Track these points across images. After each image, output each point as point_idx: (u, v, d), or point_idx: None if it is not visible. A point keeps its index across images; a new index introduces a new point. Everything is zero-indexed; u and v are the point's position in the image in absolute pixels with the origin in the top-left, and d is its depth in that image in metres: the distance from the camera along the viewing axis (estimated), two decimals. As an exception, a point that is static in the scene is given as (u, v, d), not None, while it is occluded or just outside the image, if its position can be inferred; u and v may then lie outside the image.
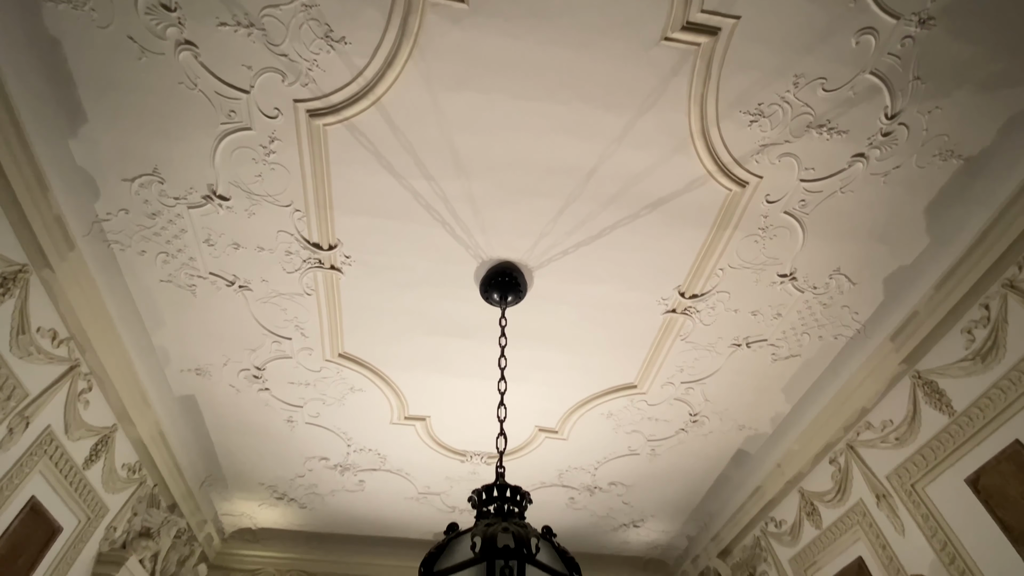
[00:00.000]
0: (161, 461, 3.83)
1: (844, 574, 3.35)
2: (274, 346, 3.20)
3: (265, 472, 4.32)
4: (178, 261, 2.77)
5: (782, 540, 3.95)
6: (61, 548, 3.08)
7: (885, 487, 3.10)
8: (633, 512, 4.82)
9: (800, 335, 3.14)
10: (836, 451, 3.49)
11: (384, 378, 3.48)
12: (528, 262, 2.76)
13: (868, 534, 3.18)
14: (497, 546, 1.43)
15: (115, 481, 3.42)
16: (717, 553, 4.74)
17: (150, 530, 3.83)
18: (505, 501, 1.68)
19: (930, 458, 2.83)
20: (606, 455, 4.16)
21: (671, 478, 4.38)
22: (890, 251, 2.73)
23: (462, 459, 4.23)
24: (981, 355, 2.62)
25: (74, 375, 2.92)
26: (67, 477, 3.01)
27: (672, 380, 3.47)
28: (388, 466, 4.27)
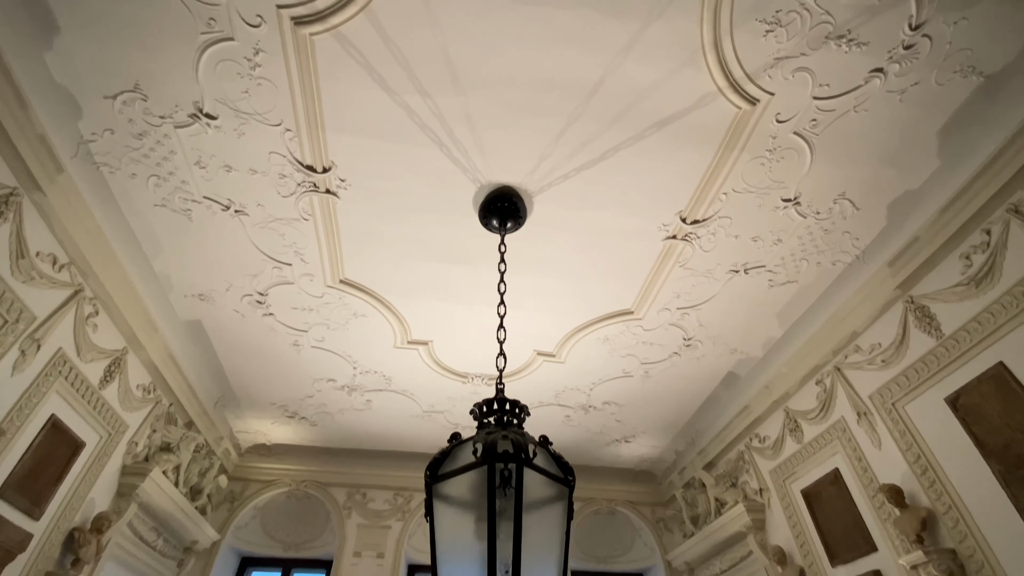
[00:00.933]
0: (174, 382, 3.99)
1: (820, 483, 3.59)
2: (275, 272, 3.22)
3: (275, 393, 4.50)
4: (170, 184, 2.71)
5: (764, 454, 4.20)
6: (86, 461, 3.27)
7: (867, 406, 3.25)
8: (625, 429, 5.09)
9: (799, 261, 3.15)
10: (823, 373, 3.63)
11: (386, 304, 3.53)
12: (528, 187, 2.71)
13: (846, 448, 3.39)
14: (497, 451, 1.52)
15: (131, 401, 3.57)
16: (703, 465, 5.06)
17: (170, 445, 4.06)
18: (504, 413, 1.77)
19: (913, 379, 2.95)
20: (601, 377, 4.32)
21: (662, 398, 4.58)
22: (898, 175, 2.67)
23: (464, 381, 4.39)
24: (976, 280, 2.65)
25: (79, 299, 2.96)
26: (84, 396, 3.14)
27: (668, 306, 3.52)
28: (393, 387, 4.45)
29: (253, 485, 5.36)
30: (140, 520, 3.88)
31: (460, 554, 1.51)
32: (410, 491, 5.59)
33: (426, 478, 1.65)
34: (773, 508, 4.07)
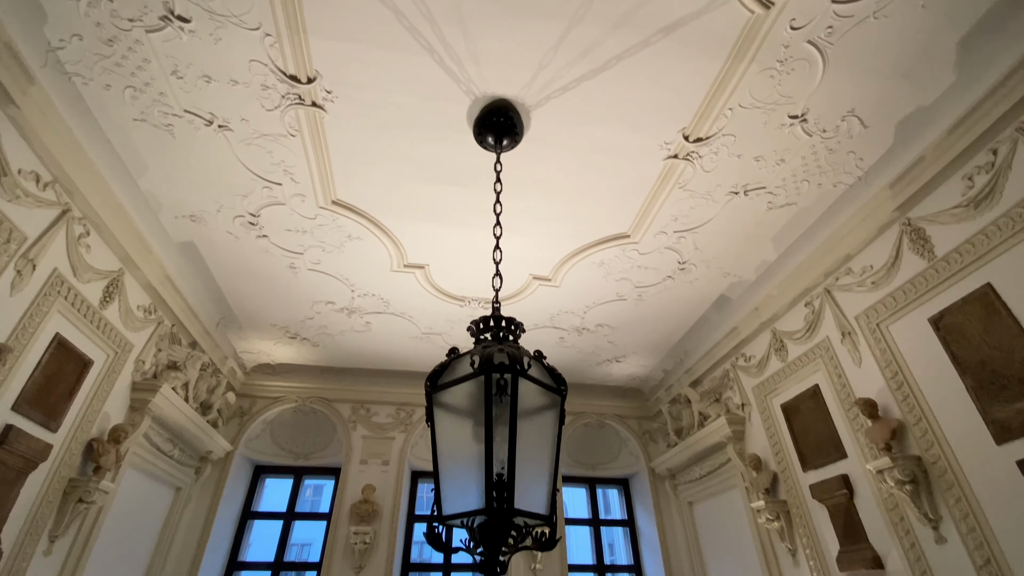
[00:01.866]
0: (174, 304, 4.03)
1: (800, 398, 3.79)
2: (265, 192, 3.15)
3: (275, 314, 4.58)
4: (148, 96, 2.58)
5: (749, 371, 4.39)
6: (96, 378, 3.39)
7: (852, 326, 3.36)
8: (616, 349, 5.27)
9: (799, 183, 3.10)
10: (813, 295, 3.70)
11: (380, 226, 3.49)
12: (525, 100, 2.58)
13: (827, 365, 3.54)
14: (494, 363, 1.58)
15: (133, 321, 3.63)
16: (689, 383, 5.31)
17: (176, 363, 4.18)
18: (500, 329, 1.82)
19: (900, 300, 3.01)
20: (595, 300, 4.40)
21: (654, 320, 4.70)
22: (911, 89, 2.56)
23: (461, 304, 4.47)
24: (975, 202, 2.63)
25: (68, 219, 2.92)
26: (86, 316, 3.18)
27: (665, 229, 3.51)
28: (392, 310, 4.52)
29: (260, 401, 5.61)
30: (155, 432, 4.09)
31: (459, 456, 1.62)
32: (411, 406, 5.88)
33: (426, 388, 1.72)
34: (753, 421, 4.33)
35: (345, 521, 5.12)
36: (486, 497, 1.43)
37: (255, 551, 5.65)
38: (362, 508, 5.13)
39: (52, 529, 3.12)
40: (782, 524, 3.79)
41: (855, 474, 3.29)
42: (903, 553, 2.90)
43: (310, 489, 13.55)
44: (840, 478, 3.35)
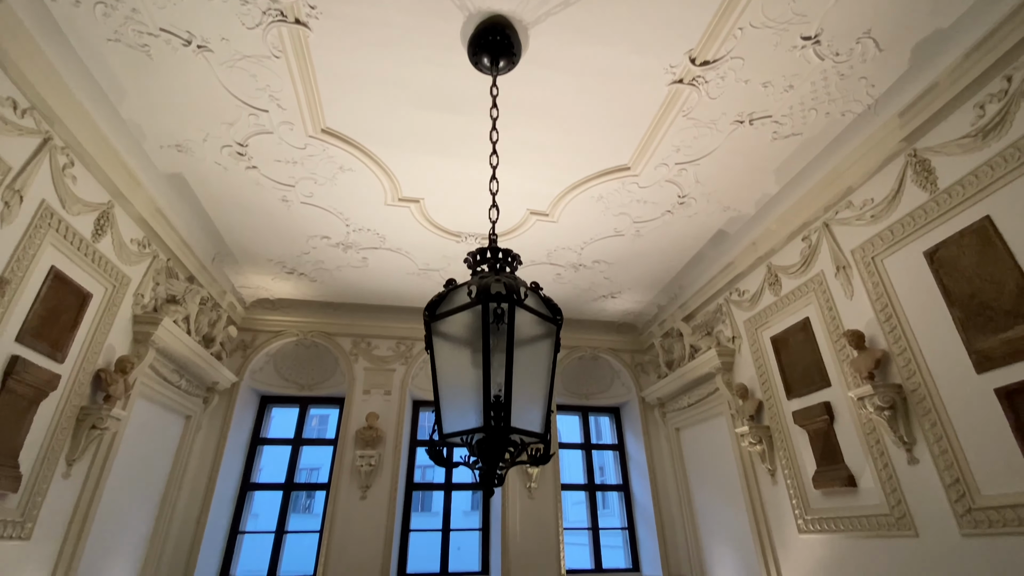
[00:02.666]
0: (168, 238, 4.00)
1: (789, 331, 3.88)
2: (251, 119, 3.02)
3: (270, 249, 4.56)
4: (120, 14, 2.41)
5: (742, 306, 4.47)
6: (96, 311, 3.42)
7: (847, 260, 3.37)
8: (612, 285, 5.32)
9: (807, 111, 3.00)
10: (811, 229, 3.69)
11: (373, 157, 3.39)
12: (523, 16, 2.42)
13: (819, 299, 3.59)
14: (490, 292, 1.60)
15: (128, 255, 3.61)
16: (682, 317, 5.41)
17: (175, 297, 4.21)
18: (497, 261, 1.82)
19: (898, 233, 3.01)
20: (593, 236, 4.38)
21: (651, 256, 4.71)
22: (931, 9, 2.42)
23: (457, 240, 4.44)
24: (984, 131, 2.57)
25: (51, 149, 2.82)
26: (80, 250, 3.16)
27: (666, 161, 3.43)
28: (388, 245, 4.50)
29: (262, 335, 5.71)
30: (161, 363, 4.19)
31: (458, 380, 1.67)
32: (411, 340, 6.01)
33: (425, 317, 1.75)
34: (742, 353, 4.46)
35: (351, 446, 5.39)
36: (484, 417, 1.50)
37: (266, 474, 5.99)
38: (366, 434, 5.38)
39: (68, 453, 3.28)
40: (764, 447, 4.01)
41: (837, 401, 3.44)
42: (876, 472, 3.10)
43: (316, 419, 14.13)
44: (822, 405, 3.50)
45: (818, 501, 3.54)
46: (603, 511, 6.68)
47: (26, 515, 2.97)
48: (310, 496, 13.31)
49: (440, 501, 6.24)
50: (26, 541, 3.02)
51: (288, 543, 5.58)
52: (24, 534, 2.98)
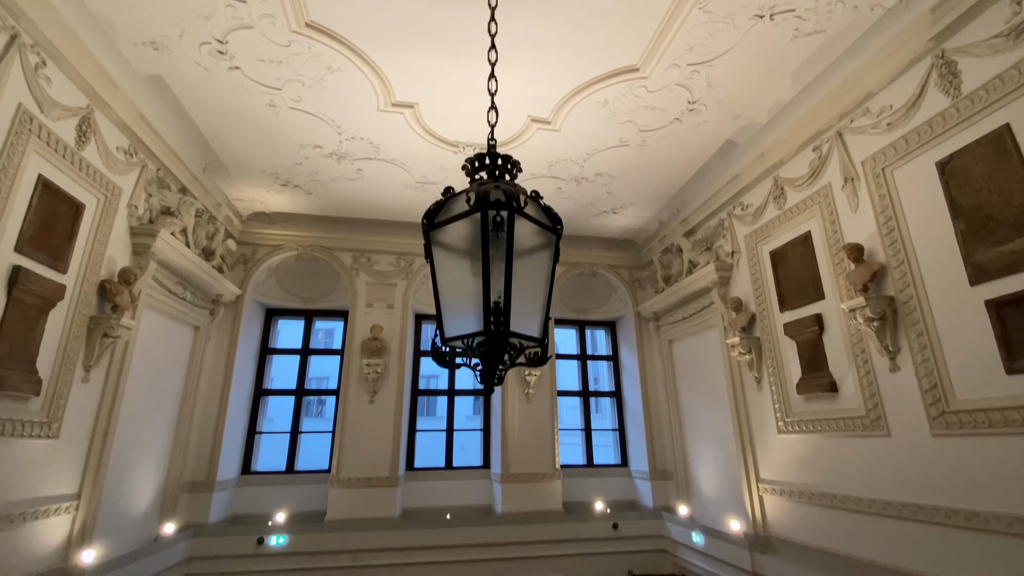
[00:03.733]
0: (154, 146, 3.85)
1: (789, 245, 3.88)
2: (228, 11, 2.78)
3: (262, 159, 4.41)
4: None
5: (744, 220, 4.42)
6: (91, 222, 3.38)
7: (856, 171, 3.28)
8: (614, 200, 5.23)
9: (833, 4, 2.75)
10: (823, 139, 3.55)
11: (362, 55, 3.17)
12: None
13: (823, 212, 3.55)
14: (489, 200, 1.56)
15: (115, 163, 3.50)
16: (683, 233, 5.38)
17: (170, 209, 4.15)
18: (496, 168, 1.76)
19: (912, 142, 2.90)
20: (596, 147, 4.22)
21: (655, 169, 4.57)
22: None
23: (455, 150, 4.29)
24: (1018, 31, 2.39)
25: (20, 47, 2.64)
26: (66, 158, 3.06)
27: (678, 61, 3.21)
28: (382, 156, 4.35)
29: (262, 249, 5.71)
30: (164, 276, 4.23)
31: (458, 288, 1.69)
32: (411, 256, 6.03)
33: (423, 226, 1.73)
34: (740, 267, 4.49)
35: (357, 355, 5.60)
36: (484, 321, 1.53)
37: (278, 383, 6.29)
38: (372, 344, 5.58)
39: (84, 360, 3.41)
40: (752, 357, 4.17)
41: (828, 313, 3.52)
42: (858, 379, 3.25)
43: (321, 332, 14.57)
44: (813, 317, 3.59)
45: (799, 405, 3.75)
46: (596, 415, 7.11)
47: (51, 416, 3.16)
48: (321, 402, 14.11)
49: (444, 406, 6.62)
50: (55, 439, 3.24)
51: (303, 444, 6.00)
52: (52, 433, 3.19)
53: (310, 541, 4.99)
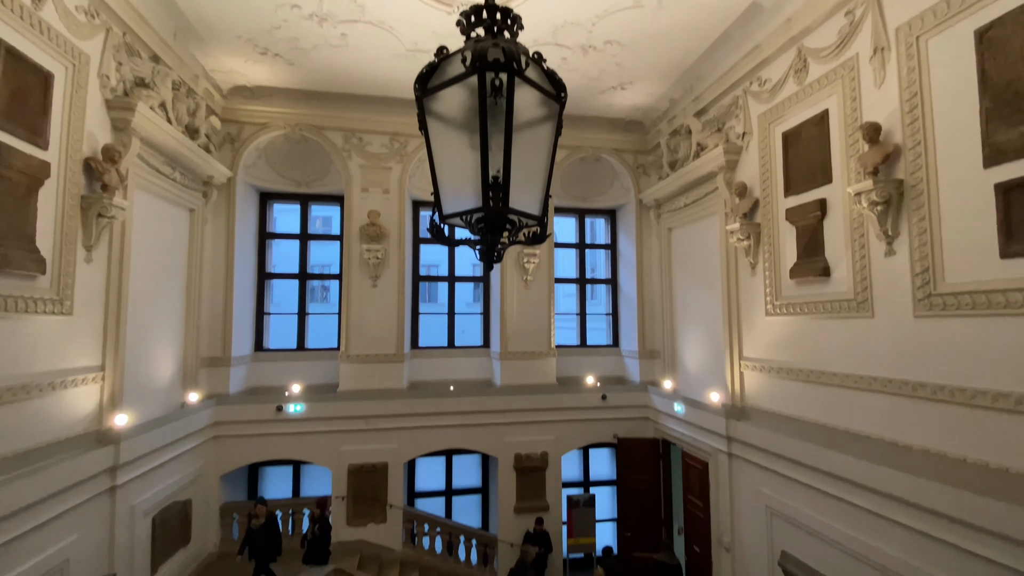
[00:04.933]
0: (117, 6, 3.47)
1: (804, 125, 3.68)
2: None
3: (237, 23, 4.00)
4: None
5: (760, 97, 4.15)
6: (64, 93, 3.16)
7: (888, 39, 3.00)
8: (623, 74, 4.86)
9: None
10: (857, 2, 3.19)
11: None
12: None
13: (845, 88, 3.32)
14: (488, 59, 1.43)
15: (78, 26, 3.18)
16: (694, 112, 5.09)
17: (144, 80, 3.86)
18: (495, 22, 1.59)
19: (955, 6, 2.62)
20: (607, 7, 3.80)
21: (671, 36, 4.18)
22: None
23: (448, 11, 3.87)
24: None
25: None
26: (24, 19, 2.79)
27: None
28: (368, 17, 3.94)
29: (248, 128, 5.43)
30: (150, 155, 4.07)
31: (455, 162, 1.62)
32: (405, 136, 5.75)
33: (416, 92, 1.61)
34: (750, 150, 4.31)
35: (356, 240, 5.61)
36: (483, 197, 1.49)
37: (280, 268, 6.37)
38: (370, 230, 5.56)
39: (84, 240, 3.41)
40: (750, 243, 4.18)
41: (833, 198, 3.46)
42: (852, 264, 3.29)
43: (319, 220, 14.47)
44: (817, 202, 3.54)
45: (790, 289, 3.85)
46: (591, 301, 7.34)
47: (62, 294, 3.24)
48: (325, 288, 14.48)
49: (445, 293, 6.80)
50: (69, 316, 3.36)
51: (311, 326, 6.26)
52: (65, 310, 3.30)
53: (325, 408, 5.43)
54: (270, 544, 4.70)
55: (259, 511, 4.66)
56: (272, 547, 4.73)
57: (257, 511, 4.66)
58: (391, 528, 5.50)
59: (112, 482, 3.65)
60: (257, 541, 4.63)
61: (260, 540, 4.64)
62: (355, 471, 5.46)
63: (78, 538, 3.35)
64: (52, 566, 3.14)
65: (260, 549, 4.65)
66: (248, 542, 4.65)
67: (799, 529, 3.68)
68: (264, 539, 4.66)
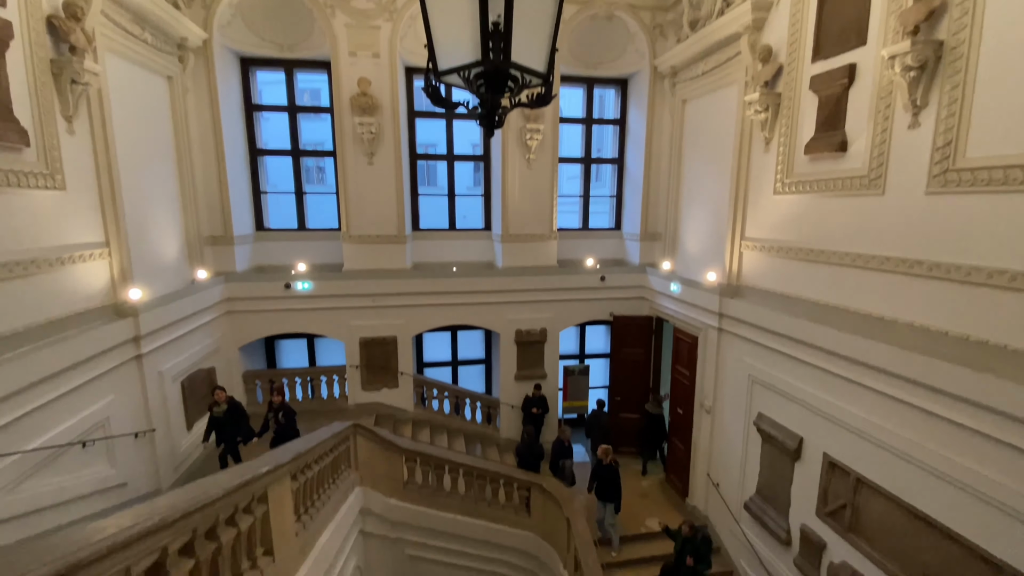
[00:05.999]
0: None
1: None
2: None
3: None
4: None
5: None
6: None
7: None
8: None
9: None
10: None
11: None
12: None
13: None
14: None
15: None
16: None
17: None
18: None
19: None
20: None
21: None
22: None
23: None
24: None
25: None
26: None
27: None
28: None
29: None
30: (116, 12, 3.69)
31: (450, 10, 1.45)
32: (394, -11, 5.14)
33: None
34: (780, 6, 3.86)
35: (347, 113, 5.30)
36: (482, 48, 1.36)
37: (271, 145, 6.09)
38: (361, 100, 5.22)
39: (62, 110, 3.23)
40: (768, 115, 3.94)
41: (863, 63, 3.18)
42: (871, 137, 3.13)
43: (307, 93, 13.57)
44: (846, 67, 3.26)
45: (803, 166, 3.71)
46: (595, 183, 7.14)
47: (51, 168, 3.15)
48: (320, 169, 14.06)
49: (444, 176, 6.57)
50: (63, 191, 3.30)
51: (310, 206, 6.15)
52: (57, 184, 3.23)
53: (333, 287, 5.59)
54: (237, 429, 4.43)
55: (219, 396, 4.36)
56: (239, 431, 4.46)
57: (217, 396, 4.36)
58: (403, 392, 5.98)
59: (137, 351, 3.89)
60: (224, 427, 4.37)
61: (227, 426, 4.37)
62: (366, 343, 5.79)
63: (114, 399, 3.66)
64: (95, 422, 3.48)
65: (228, 435, 4.39)
66: (212, 429, 4.39)
67: (777, 395, 3.99)
68: (230, 424, 4.38)
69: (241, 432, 4.45)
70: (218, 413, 4.33)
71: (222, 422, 4.35)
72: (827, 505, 3.51)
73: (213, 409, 4.35)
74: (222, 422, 4.35)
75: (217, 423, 4.37)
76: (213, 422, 4.38)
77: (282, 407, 4.54)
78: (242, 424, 4.46)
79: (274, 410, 4.54)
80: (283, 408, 4.55)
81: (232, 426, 4.39)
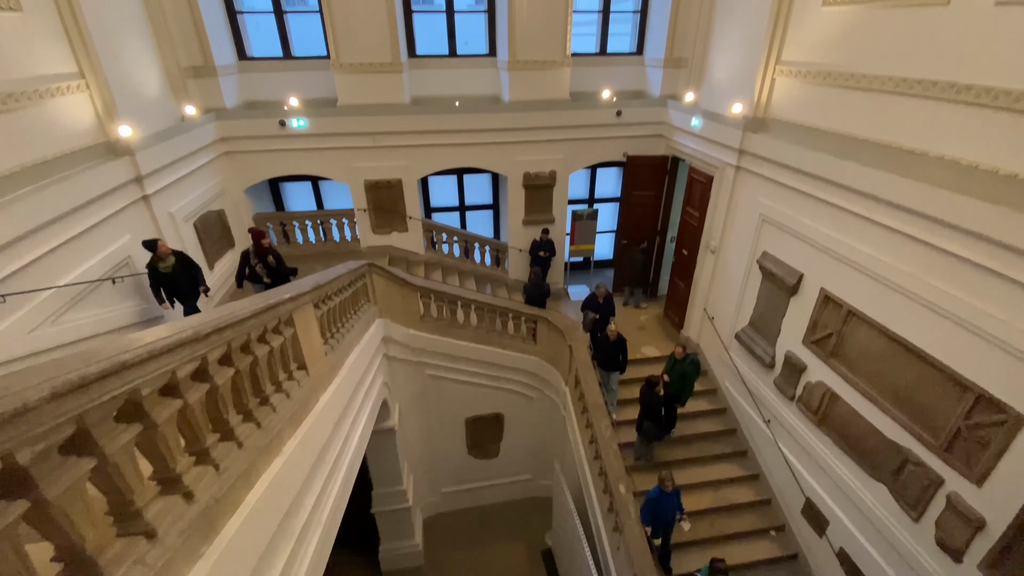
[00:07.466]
0: None
1: None
2: None
3: None
4: None
5: None
6: None
7: None
8: None
9: None
10: None
11: None
12: None
13: None
14: None
15: None
16: None
17: None
18: None
19: None
20: None
21: None
22: None
23: None
24: None
25: None
26: None
27: None
28: None
29: None
30: None
31: None
32: None
33: None
34: None
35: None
36: None
37: None
38: None
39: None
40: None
41: None
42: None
43: None
44: None
45: (862, -32, 3.15)
46: (617, -2, 6.19)
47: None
48: (301, -13, 12.38)
49: (440, -9, 5.69)
50: (19, 12, 2.96)
51: (294, 30, 5.49)
52: (12, 5, 2.89)
53: (329, 124, 5.28)
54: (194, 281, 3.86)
55: (162, 249, 3.60)
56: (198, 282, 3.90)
57: (161, 250, 3.58)
58: (413, 236, 6.06)
59: (142, 191, 3.86)
60: (179, 282, 3.73)
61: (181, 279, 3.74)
62: (372, 186, 5.68)
63: (131, 239, 3.74)
64: (117, 261, 3.61)
65: (187, 290, 3.81)
66: (161, 287, 3.68)
67: (785, 233, 3.97)
68: (185, 276, 3.77)
69: (199, 282, 3.90)
70: (165, 269, 3.65)
71: (174, 276, 3.70)
72: (815, 334, 3.74)
73: (159, 266, 3.63)
74: (174, 276, 3.70)
75: (168, 279, 3.69)
76: (163, 280, 3.67)
77: (271, 249, 4.19)
78: (198, 274, 3.89)
79: (262, 253, 4.12)
80: (272, 251, 4.19)
81: (187, 279, 3.80)
